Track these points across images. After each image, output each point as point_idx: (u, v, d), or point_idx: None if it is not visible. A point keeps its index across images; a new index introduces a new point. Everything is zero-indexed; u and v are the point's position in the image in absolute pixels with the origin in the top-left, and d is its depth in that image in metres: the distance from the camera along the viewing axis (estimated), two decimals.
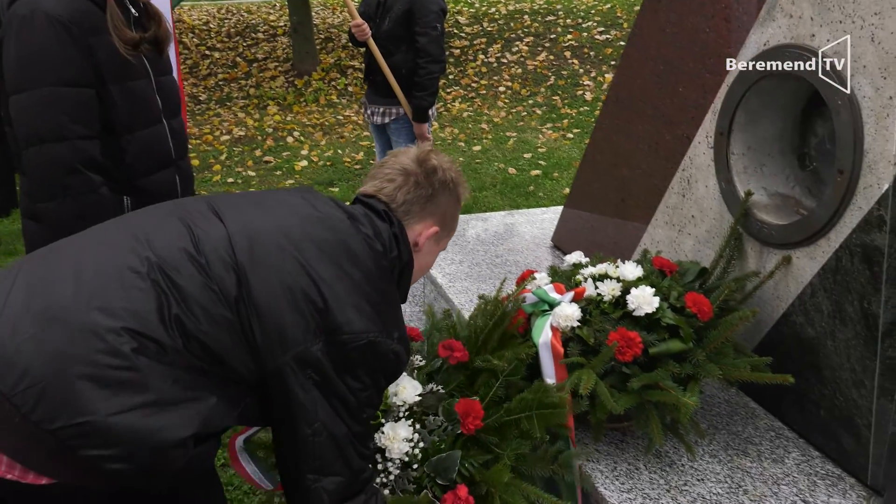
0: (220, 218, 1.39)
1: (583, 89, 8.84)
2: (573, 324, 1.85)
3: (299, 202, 1.48)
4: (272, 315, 1.31)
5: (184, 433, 1.23)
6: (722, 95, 2.11)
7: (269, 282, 1.32)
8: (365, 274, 1.41)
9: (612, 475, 1.83)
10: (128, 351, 1.20)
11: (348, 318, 1.34)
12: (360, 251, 1.42)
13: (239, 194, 1.55)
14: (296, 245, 1.37)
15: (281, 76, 9.88)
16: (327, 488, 1.38)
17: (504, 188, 6.08)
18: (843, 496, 1.74)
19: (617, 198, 2.77)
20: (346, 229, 1.43)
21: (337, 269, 1.37)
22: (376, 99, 4.23)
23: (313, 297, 1.33)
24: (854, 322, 1.74)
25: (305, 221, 1.42)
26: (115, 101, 1.95)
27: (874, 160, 1.64)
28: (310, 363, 1.32)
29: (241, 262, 1.32)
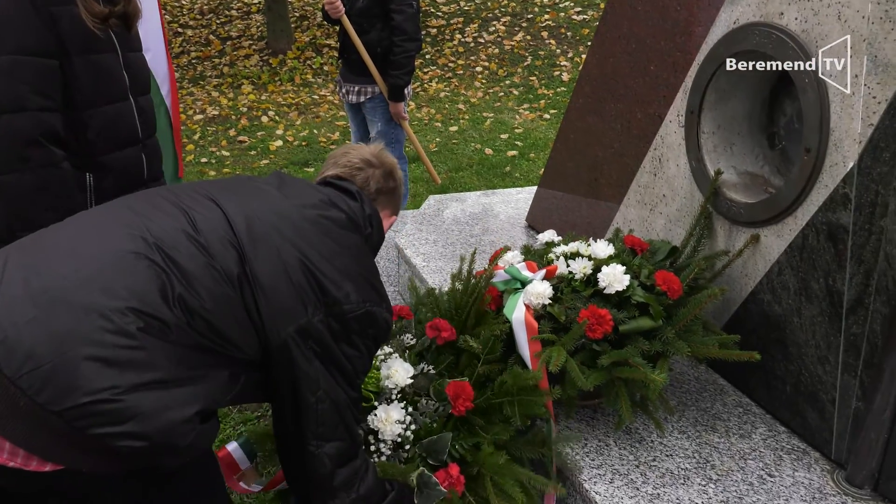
0: (214, 202, 1.43)
1: (560, 70, 8.83)
2: (544, 301, 1.86)
3: (282, 185, 1.54)
4: (275, 291, 1.36)
5: (191, 410, 1.25)
6: (693, 74, 2.11)
7: (271, 260, 1.37)
8: (354, 249, 1.50)
9: (583, 451, 1.85)
10: (134, 330, 1.22)
11: (346, 291, 1.42)
12: (347, 228, 1.51)
13: (226, 181, 1.59)
14: (292, 224, 1.43)
15: (255, 55, 9.75)
16: (329, 453, 1.45)
17: (480, 169, 6.07)
18: (807, 470, 1.77)
19: (590, 177, 2.78)
20: (330, 209, 1.51)
21: (331, 245, 1.45)
22: (351, 77, 4.19)
23: (313, 272, 1.39)
24: (819, 299, 1.77)
25: (296, 203, 1.49)
26: (78, 73, 1.90)
27: (840, 138, 1.66)
28: (311, 335, 1.39)
29: (241, 241, 1.37)
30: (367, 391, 1.73)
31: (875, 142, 1.58)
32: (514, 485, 1.66)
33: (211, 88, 8.71)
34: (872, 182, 1.60)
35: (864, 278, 1.65)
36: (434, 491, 1.64)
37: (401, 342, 1.92)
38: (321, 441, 1.44)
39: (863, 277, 1.65)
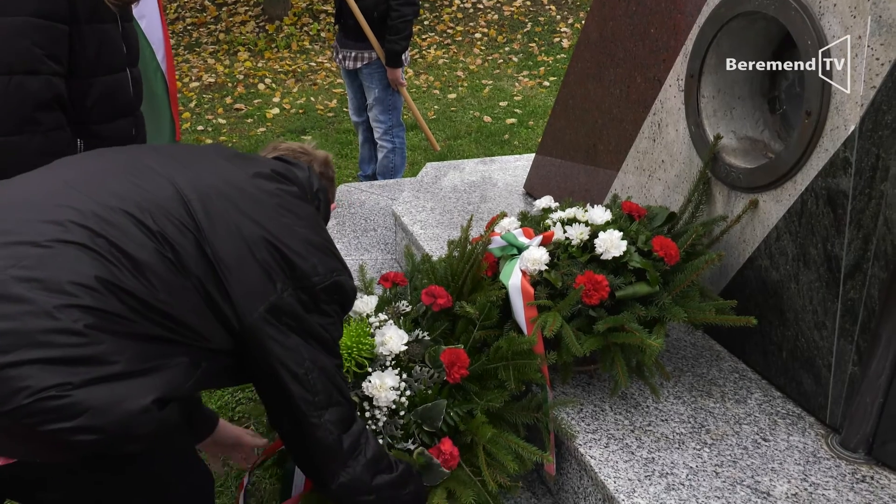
0: (167, 178, 1.35)
1: (560, 36, 8.73)
2: (541, 267, 1.85)
3: (232, 157, 1.51)
4: (241, 271, 1.32)
5: (147, 399, 1.20)
6: (693, 37, 2.08)
7: (232, 239, 1.32)
8: (312, 220, 1.48)
9: (579, 416, 1.86)
10: (81, 328, 1.16)
11: (313, 263, 1.40)
12: (302, 199, 1.49)
13: (178, 149, 1.54)
14: (250, 198, 1.39)
15: (251, 21, 9.62)
16: (332, 419, 1.44)
17: (479, 136, 6.03)
18: (802, 434, 1.78)
19: (588, 143, 2.75)
20: (284, 180, 1.49)
21: (292, 217, 1.42)
22: (348, 43, 4.14)
23: (278, 246, 1.35)
24: (817, 265, 1.76)
25: (251, 174, 1.45)
26: (85, 40, 1.91)
27: (841, 101, 1.63)
28: (284, 311, 1.36)
29: (199, 222, 1.31)
30: (362, 358, 1.73)
31: (877, 104, 1.56)
32: (507, 453, 1.66)
33: (207, 55, 8.61)
34: (873, 146, 1.58)
35: (863, 243, 1.63)
36: (437, 472, 1.65)
37: (396, 309, 1.91)
38: (321, 410, 1.43)
39: (861, 242, 1.64)
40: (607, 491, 1.63)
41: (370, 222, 3.50)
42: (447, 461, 1.64)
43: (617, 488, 1.62)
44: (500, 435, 1.71)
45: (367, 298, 1.91)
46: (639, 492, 1.61)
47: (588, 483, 1.74)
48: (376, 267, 3.06)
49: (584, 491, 1.77)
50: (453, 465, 1.65)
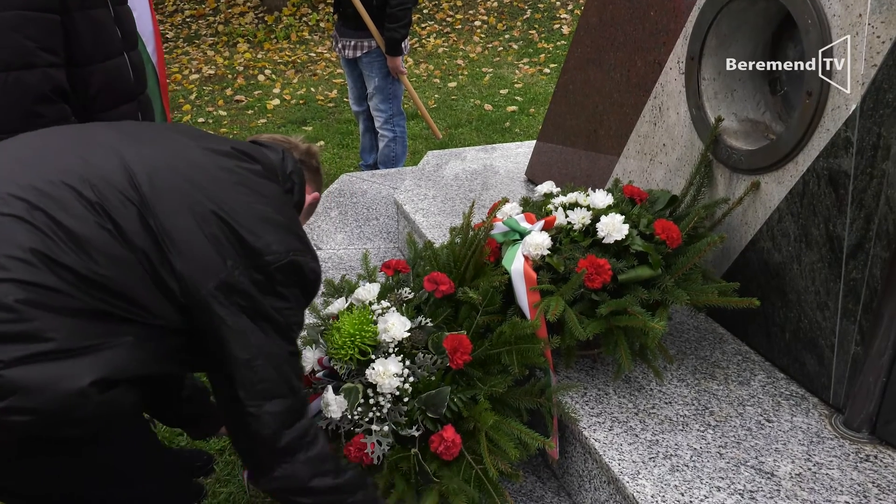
0: (116, 151, 1.32)
1: (560, 23, 8.69)
2: (543, 252, 1.85)
3: (191, 134, 1.47)
4: (189, 246, 1.27)
5: (86, 380, 1.17)
6: (693, 19, 2.07)
7: (180, 212, 1.28)
8: (273, 198, 1.42)
9: (583, 400, 1.87)
10: (12, 302, 1.12)
11: (267, 241, 1.34)
12: (264, 178, 1.44)
13: (137, 126, 1.50)
14: (204, 173, 1.34)
15: (250, 12, 9.59)
16: (272, 411, 1.37)
17: (480, 125, 6.01)
18: (805, 415, 1.78)
19: (589, 128, 2.75)
20: (245, 158, 1.44)
21: (248, 194, 1.37)
22: (347, 32, 4.12)
23: (229, 222, 1.31)
24: (819, 245, 1.76)
25: (208, 150, 1.40)
26: (79, 29, 1.90)
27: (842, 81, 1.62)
28: (235, 289, 1.31)
29: (144, 195, 1.27)
30: (365, 345, 1.74)
31: (878, 83, 1.56)
32: (509, 440, 1.67)
33: (206, 47, 8.59)
34: (875, 125, 1.58)
35: (865, 223, 1.63)
36: None
37: (398, 296, 1.91)
38: (261, 400, 1.36)
39: (863, 222, 1.64)
40: (612, 473, 1.64)
41: (372, 211, 3.50)
42: (449, 449, 1.65)
43: (621, 470, 1.63)
44: (503, 421, 1.71)
45: (370, 286, 1.92)
46: (643, 473, 1.62)
47: (593, 466, 1.75)
48: (379, 255, 3.07)
49: (588, 474, 1.78)
50: (455, 454, 1.66)
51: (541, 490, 1.93)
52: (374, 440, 1.67)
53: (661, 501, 1.54)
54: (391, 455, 1.68)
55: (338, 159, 5.28)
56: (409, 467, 1.67)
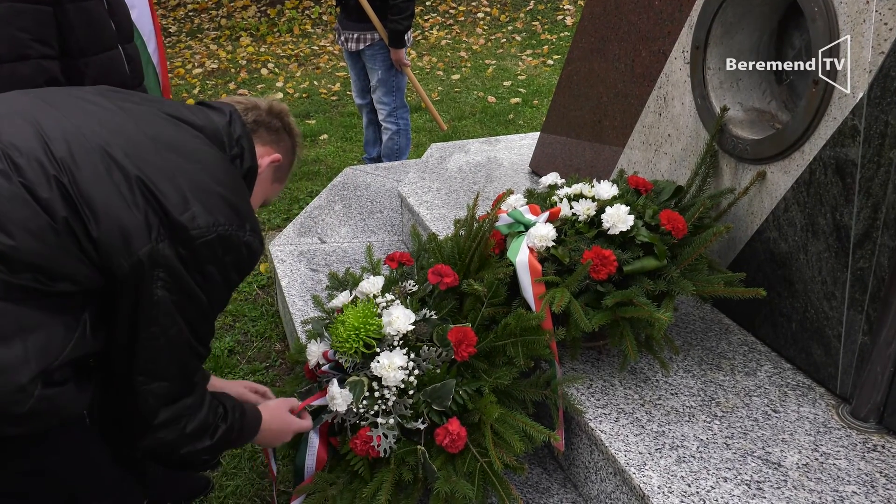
0: (30, 120, 1.27)
1: (563, 14, 8.65)
2: (548, 244, 1.84)
3: (125, 98, 1.40)
4: (110, 215, 1.22)
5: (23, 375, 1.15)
6: (698, 7, 2.05)
7: (99, 180, 1.22)
8: (208, 164, 1.35)
9: (588, 392, 1.86)
10: None
11: (193, 213, 1.27)
12: (199, 145, 1.37)
13: (55, 92, 1.43)
14: (126, 138, 1.28)
15: (253, 5, 9.57)
16: (155, 392, 1.34)
17: (483, 117, 5.99)
18: (812, 405, 1.78)
19: (593, 119, 2.73)
20: (179, 122, 1.38)
21: (176, 160, 1.30)
22: (350, 24, 4.11)
23: (152, 191, 1.25)
24: (826, 234, 1.75)
25: (132, 116, 1.34)
26: (72, 20, 1.90)
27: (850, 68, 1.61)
28: (159, 263, 1.25)
29: (62, 162, 1.21)
30: (370, 338, 1.73)
31: (886, 70, 1.54)
32: (514, 433, 1.66)
33: (209, 41, 8.58)
34: (882, 112, 1.57)
35: (872, 212, 1.62)
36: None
37: (403, 289, 1.91)
38: (148, 378, 1.33)
39: (870, 211, 1.63)
40: (618, 464, 1.64)
41: (376, 204, 3.50)
42: (454, 442, 1.64)
43: (628, 461, 1.63)
44: (508, 414, 1.71)
45: (374, 279, 1.91)
46: (650, 464, 1.61)
47: (599, 457, 1.75)
48: (383, 248, 3.06)
49: (594, 465, 1.78)
50: (460, 446, 1.66)
51: (547, 482, 1.93)
52: (380, 433, 1.67)
53: (668, 492, 1.54)
54: (398, 449, 1.68)
55: (341, 152, 5.27)
56: (416, 462, 1.67)
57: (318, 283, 2.78)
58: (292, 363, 2.15)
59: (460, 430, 1.66)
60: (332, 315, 1.92)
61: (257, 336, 3.05)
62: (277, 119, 1.60)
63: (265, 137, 1.57)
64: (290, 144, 1.64)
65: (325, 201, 3.55)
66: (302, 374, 1.96)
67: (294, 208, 4.31)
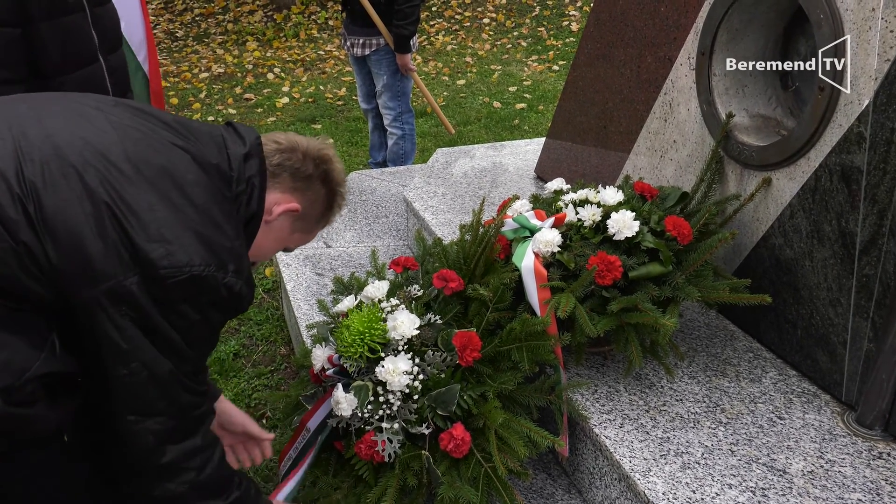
0: (18, 131, 1.19)
1: (569, 20, 8.66)
2: (553, 249, 1.84)
3: (121, 112, 1.31)
4: (74, 243, 1.14)
5: None
6: (704, 14, 2.06)
7: (69, 205, 1.15)
8: (192, 202, 1.25)
9: (593, 398, 1.86)
10: None
11: (165, 251, 1.18)
12: (189, 177, 1.26)
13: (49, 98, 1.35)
14: (107, 164, 1.19)
15: (259, 10, 9.61)
16: (152, 429, 1.25)
17: (489, 122, 6.00)
18: (817, 412, 1.77)
19: (599, 125, 2.74)
20: (173, 150, 1.28)
21: (156, 195, 1.21)
22: (355, 29, 4.12)
23: (124, 224, 1.16)
24: (832, 241, 1.74)
25: (124, 137, 1.25)
26: (45, 40, 1.81)
27: (855, 75, 1.61)
28: (123, 299, 1.17)
29: (30, 185, 1.14)
30: (374, 343, 1.74)
31: (892, 77, 1.54)
32: (518, 438, 1.66)
33: (216, 46, 8.62)
34: (888, 119, 1.57)
35: (878, 219, 1.62)
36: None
37: (407, 293, 1.92)
38: (139, 416, 1.24)
39: (876, 218, 1.62)
40: (623, 470, 1.64)
41: (382, 209, 3.50)
42: (458, 447, 1.65)
43: (632, 468, 1.62)
44: (513, 419, 1.71)
45: (379, 284, 1.92)
46: (654, 471, 1.61)
47: (603, 463, 1.75)
48: (388, 253, 3.07)
49: (599, 471, 1.78)
50: (464, 451, 1.66)
51: (551, 487, 1.93)
52: (385, 438, 1.67)
53: (673, 499, 1.54)
54: (403, 454, 1.68)
55: (347, 157, 5.28)
56: (420, 467, 1.67)
57: (324, 288, 2.78)
58: (297, 367, 2.15)
59: (464, 435, 1.66)
60: (338, 319, 1.92)
61: (262, 340, 3.06)
62: (312, 166, 1.48)
63: (286, 184, 1.45)
64: (322, 194, 1.51)
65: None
66: (307, 378, 1.97)
67: None
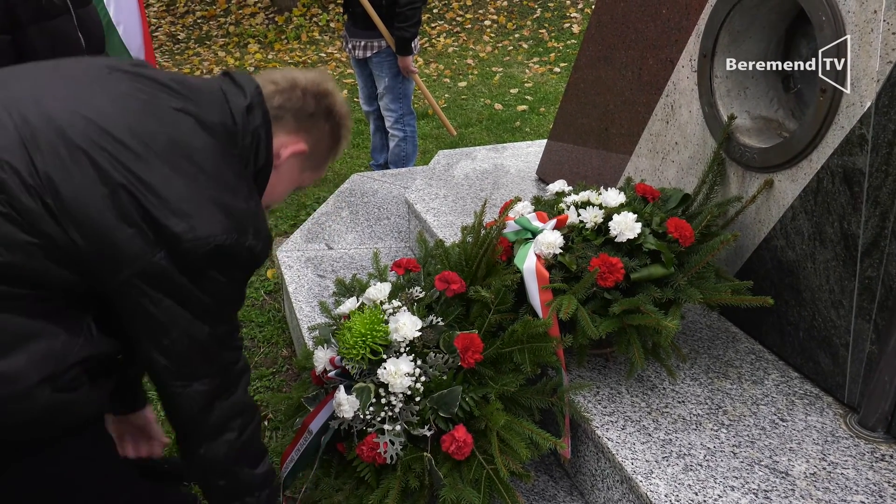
0: (20, 116, 1.17)
1: (570, 22, 8.67)
2: (555, 251, 1.84)
3: (117, 80, 1.27)
4: (99, 231, 1.15)
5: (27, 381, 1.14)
6: (706, 16, 2.06)
7: (87, 192, 1.15)
8: (204, 169, 1.24)
9: (595, 399, 1.86)
10: None
11: (187, 226, 1.19)
12: (197, 143, 1.25)
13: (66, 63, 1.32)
14: (113, 142, 1.18)
15: (261, 13, 9.63)
16: (199, 390, 1.31)
17: (490, 124, 6.01)
18: (820, 414, 1.77)
19: (600, 127, 2.74)
20: (177, 115, 1.25)
21: (168, 168, 1.20)
22: (357, 32, 4.13)
23: (143, 203, 1.16)
24: (834, 243, 1.74)
25: (125, 109, 1.22)
26: (35, 44, 1.81)
27: (857, 77, 1.61)
28: (155, 275, 1.20)
29: (43, 173, 1.13)
30: (376, 345, 1.74)
31: (893, 79, 1.54)
32: (520, 440, 1.66)
33: (217, 48, 8.63)
34: (890, 122, 1.57)
35: (880, 220, 1.62)
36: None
37: (409, 295, 1.92)
38: (185, 381, 1.30)
39: (878, 220, 1.62)
40: (625, 472, 1.63)
41: (383, 211, 3.50)
42: (460, 449, 1.65)
43: (634, 469, 1.62)
44: (515, 421, 1.71)
45: (381, 285, 1.92)
46: (656, 473, 1.61)
47: (606, 465, 1.75)
48: (390, 255, 3.07)
49: (601, 473, 1.78)
50: (466, 453, 1.66)
51: (553, 489, 1.93)
52: (387, 440, 1.68)
53: (675, 501, 1.54)
54: (405, 456, 1.68)
55: (349, 159, 5.29)
56: (422, 469, 1.67)
57: (325, 290, 2.78)
58: (299, 369, 2.15)
59: (466, 437, 1.66)
60: (339, 321, 1.92)
61: (264, 341, 3.06)
62: (314, 102, 1.44)
63: (290, 126, 1.43)
64: (327, 129, 1.48)
65: (332, 208, 3.56)
66: (309, 379, 1.97)
67: (301, 214, 4.32)
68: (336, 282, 2.14)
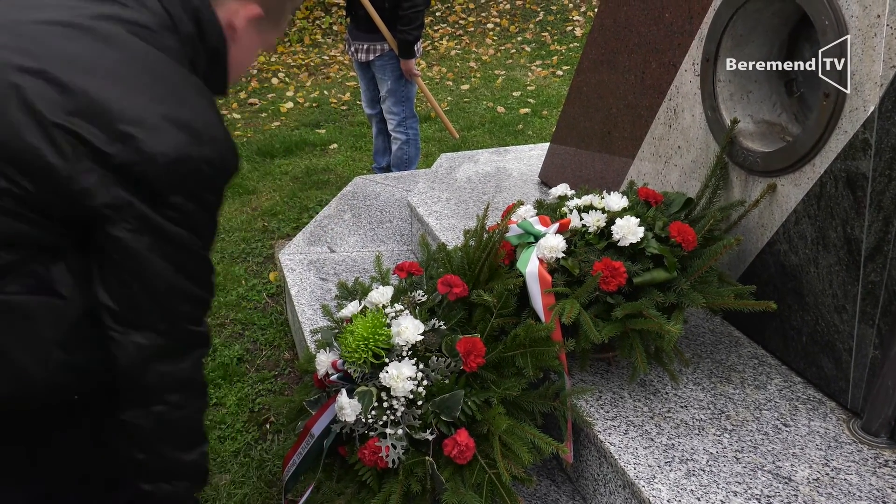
0: None
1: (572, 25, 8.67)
2: (558, 255, 1.84)
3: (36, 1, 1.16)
4: (33, 165, 1.05)
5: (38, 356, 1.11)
6: (709, 20, 2.06)
7: (20, 133, 1.04)
8: (140, 82, 1.11)
9: (598, 404, 1.86)
10: None
11: (133, 146, 1.07)
12: (132, 53, 1.12)
13: None
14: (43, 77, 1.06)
15: None
16: (137, 342, 1.16)
17: (493, 127, 6.01)
18: (823, 419, 1.77)
19: (603, 131, 2.74)
20: (106, 27, 1.13)
21: (102, 80, 1.08)
22: (359, 35, 4.13)
23: (82, 136, 1.05)
24: (837, 248, 1.74)
25: (50, 35, 1.11)
26: None
27: (860, 82, 1.61)
28: (114, 207, 1.08)
29: None
30: (378, 349, 1.74)
31: None
32: (522, 444, 1.66)
33: None
34: (894, 126, 1.56)
35: (884, 225, 1.62)
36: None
37: (411, 299, 1.91)
38: (127, 327, 1.15)
39: (882, 224, 1.62)
40: (627, 477, 1.63)
41: (385, 214, 3.51)
42: (462, 453, 1.64)
43: (637, 474, 1.62)
44: (517, 426, 1.71)
45: (383, 289, 1.92)
46: (659, 478, 1.61)
47: (608, 470, 1.74)
48: (392, 258, 3.07)
49: (603, 478, 1.77)
50: (468, 458, 1.65)
51: (555, 494, 1.93)
52: (389, 443, 1.67)
53: None
54: (407, 460, 1.68)
55: (351, 162, 5.29)
56: (424, 473, 1.67)
57: (328, 293, 2.78)
58: (301, 372, 2.15)
59: (469, 441, 1.66)
60: (342, 325, 1.92)
61: (266, 344, 3.06)
62: None
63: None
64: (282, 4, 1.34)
65: (334, 210, 3.56)
66: (311, 383, 1.97)
67: (304, 217, 4.33)
68: (338, 285, 2.14)
